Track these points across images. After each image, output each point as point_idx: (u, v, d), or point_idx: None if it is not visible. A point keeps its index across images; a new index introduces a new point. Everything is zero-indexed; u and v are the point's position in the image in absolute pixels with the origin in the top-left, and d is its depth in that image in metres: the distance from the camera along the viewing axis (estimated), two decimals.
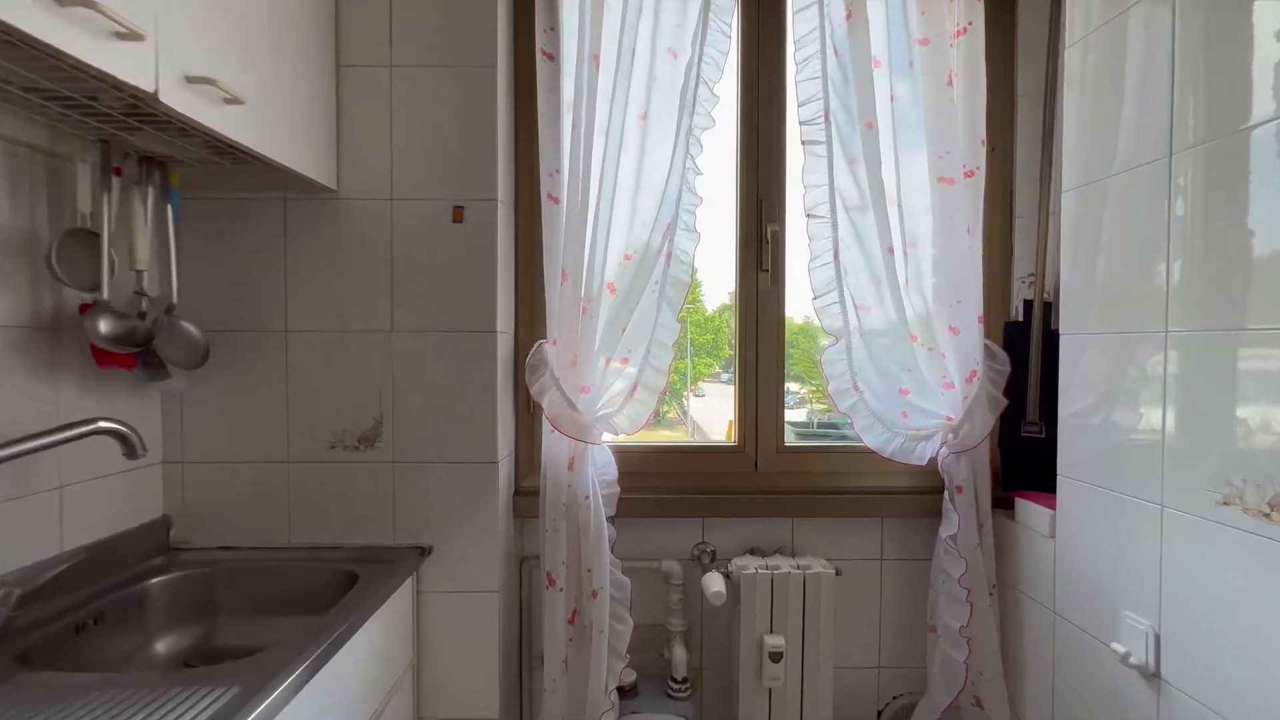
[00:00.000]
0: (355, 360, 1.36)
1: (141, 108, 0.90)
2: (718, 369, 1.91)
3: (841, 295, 1.49)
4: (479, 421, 1.37)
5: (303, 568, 1.31)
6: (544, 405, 1.42)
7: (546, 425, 1.43)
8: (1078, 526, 1.26)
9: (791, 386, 1.74)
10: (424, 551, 1.36)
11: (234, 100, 0.96)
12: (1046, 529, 1.35)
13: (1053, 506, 1.35)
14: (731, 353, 1.87)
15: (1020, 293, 1.55)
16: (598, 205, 1.42)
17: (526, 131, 1.51)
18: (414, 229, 1.35)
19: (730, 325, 1.81)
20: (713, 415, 1.94)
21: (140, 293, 1.17)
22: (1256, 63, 0.91)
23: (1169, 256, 1.04)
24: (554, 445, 1.43)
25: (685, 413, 1.96)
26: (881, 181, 1.42)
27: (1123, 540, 1.14)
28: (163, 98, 0.84)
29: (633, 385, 1.46)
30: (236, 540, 1.36)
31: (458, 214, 1.36)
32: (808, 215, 1.50)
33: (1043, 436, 1.49)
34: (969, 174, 1.44)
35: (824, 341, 1.74)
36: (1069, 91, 1.28)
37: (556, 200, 1.42)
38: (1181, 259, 1.02)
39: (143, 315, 1.17)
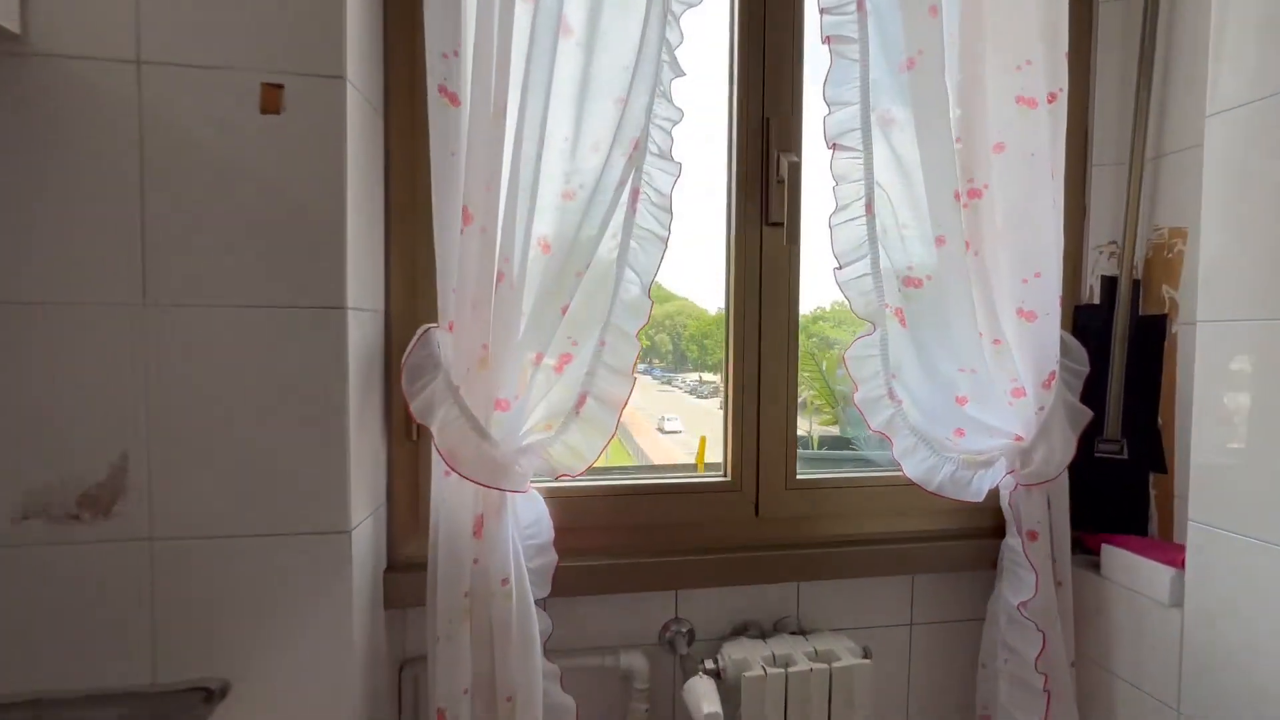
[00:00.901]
0: (72, 357, 0.74)
1: None
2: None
3: (876, 263, 1.04)
4: (317, 461, 0.79)
5: None
6: (434, 430, 0.87)
7: (439, 463, 0.88)
8: (1228, 596, 0.88)
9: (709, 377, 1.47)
10: (212, 695, 0.77)
11: None
12: (1164, 594, 0.96)
13: (1167, 560, 0.97)
14: (649, 343, 1.48)
15: (1097, 266, 1.16)
16: (523, 111, 0.88)
17: None
18: (185, 121, 0.75)
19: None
20: (637, 413, 1.61)
21: None
22: None
23: None
24: (451, 496, 0.88)
25: None
26: (945, 91, 0.98)
27: None
28: None
29: (579, 396, 0.94)
30: None
31: (270, 98, 0.76)
32: (832, 147, 1.03)
33: (1125, 459, 1.12)
34: (1051, 97, 1.02)
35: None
36: None
37: (454, 98, 0.86)
38: None
39: None
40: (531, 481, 0.93)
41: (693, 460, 1.74)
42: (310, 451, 0.79)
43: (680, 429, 1.67)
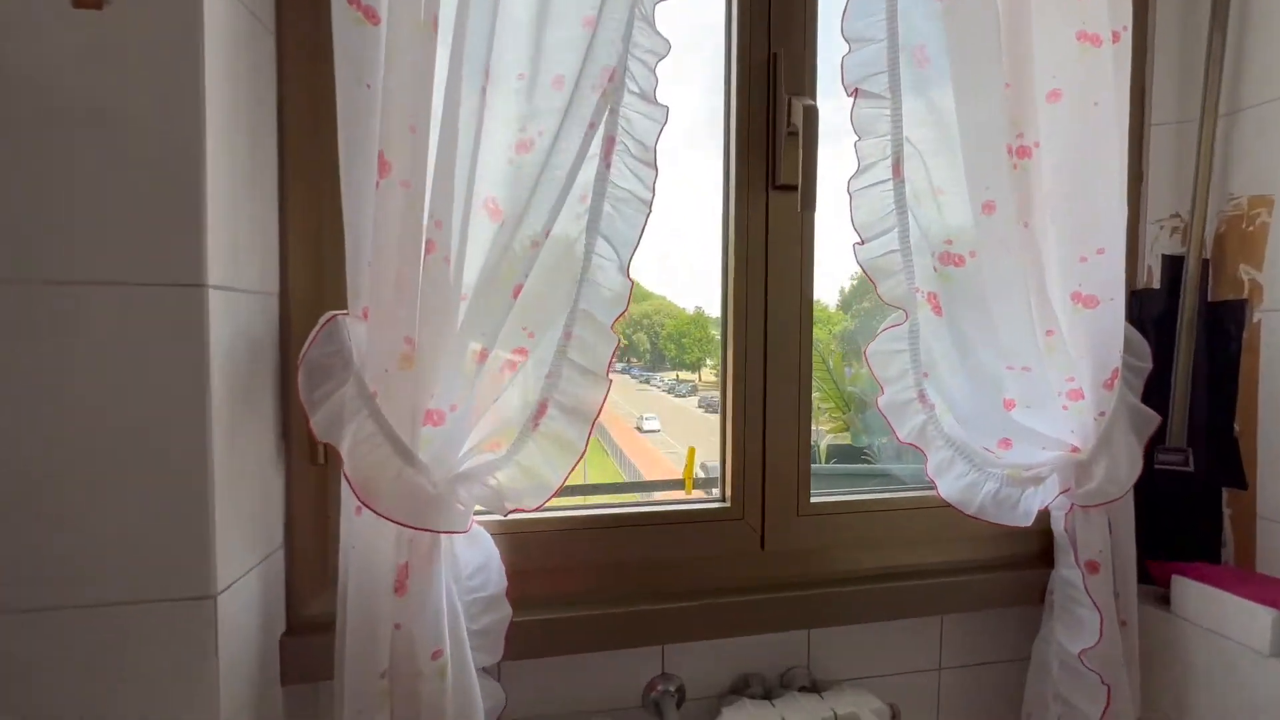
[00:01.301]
0: None
1: None
2: None
3: (905, 237, 0.85)
4: (163, 503, 0.57)
5: None
6: (343, 452, 0.64)
7: (349, 495, 0.66)
8: None
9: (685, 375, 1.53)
10: None
11: None
12: (1263, 640, 0.79)
13: (1265, 599, 0.80)
14: (626, 341, 1.35)
15: (1157, 244, 0.99)
16: (460, 33, 0.66)
17: None
18: None
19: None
20: (615, 412, 1.62)
21: None
22: None
23: None
24: (364, 540, 0.66)
25: None
26: (994, 22, 0.79)
27: None
28: None
29: (538, 404, 0.72)
30: None
31: None
32: (853, 93, 0.84)
33: (1191, 471, 0.95)
34: (1115, 35, 0.84)
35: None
36: None
37: (370, 13, 0.65)
38: None
39: None
40: (476, 515, 0.72)
41: (674, 462, 1.56)
42: (153, 489, 0.56)
43: (658, 428, 1.63)
